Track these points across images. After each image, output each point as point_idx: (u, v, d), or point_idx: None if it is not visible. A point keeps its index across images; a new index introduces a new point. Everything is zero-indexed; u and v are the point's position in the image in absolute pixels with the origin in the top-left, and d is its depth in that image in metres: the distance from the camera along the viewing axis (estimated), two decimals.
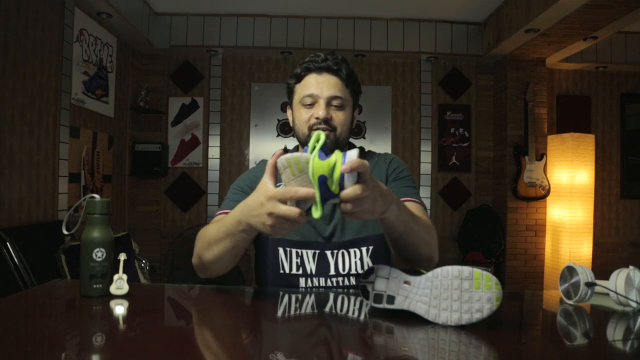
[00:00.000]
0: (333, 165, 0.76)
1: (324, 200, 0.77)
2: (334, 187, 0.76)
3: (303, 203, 0.78)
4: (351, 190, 0.75)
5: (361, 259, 1.13)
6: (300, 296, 1.06)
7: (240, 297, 1.03)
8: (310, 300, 1.03)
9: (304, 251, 1.14)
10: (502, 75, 4.01)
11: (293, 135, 1.28)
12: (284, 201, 0.78)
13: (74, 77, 2.94)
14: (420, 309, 0.80)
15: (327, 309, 0.98)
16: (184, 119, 4.07)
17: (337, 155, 0.77)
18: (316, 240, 1.14)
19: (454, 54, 4.00)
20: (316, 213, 0.75)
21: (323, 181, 0.75)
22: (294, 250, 1.14)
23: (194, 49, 3.94)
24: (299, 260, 1.14)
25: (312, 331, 0.82)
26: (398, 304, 0.83)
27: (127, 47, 3.76)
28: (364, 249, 1.14)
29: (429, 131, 4.15)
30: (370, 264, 0.72)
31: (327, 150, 0.80)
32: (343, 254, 1.14)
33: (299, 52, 4.00)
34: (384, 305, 0.84)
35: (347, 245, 1.14)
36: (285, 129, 4.07)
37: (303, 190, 0.76)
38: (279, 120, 4.08)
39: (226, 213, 1.14)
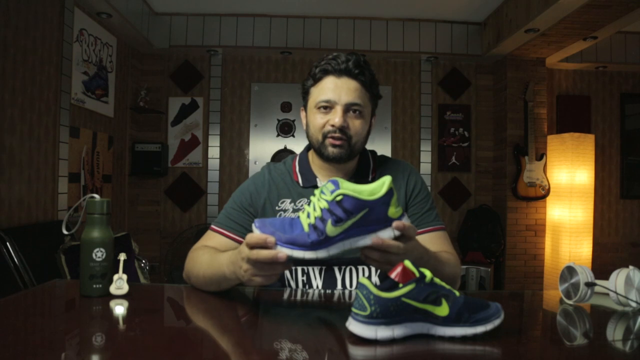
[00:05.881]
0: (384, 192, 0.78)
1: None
2: (394, 210, 0.79)
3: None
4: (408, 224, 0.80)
5: (369, 277, 1.10)
6: (302, 294, 1.06)
7: (241, 297, 1.03)
8: (312, 298, 1.03)
9: (310, 267, 1.11)
10: (502, 75, 4.01)
11: (293, 135, 1.26)
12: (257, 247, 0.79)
13: (74, 77, 2.94)
14: None
15: (328, 308, 0.98)
16: (184, 119, 4.07)
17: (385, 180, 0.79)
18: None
19: (453, 54, 4.00)
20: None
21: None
22: (299, 268, 1.12)
23: (194, 49, 3.94)
24: (304, 278, 1.11)
25: (313, 330, 0.82)
26: None
27: (127, 47, 3.76)
28: (372, 268, 1.11)
29: (429, 131, 4.15)
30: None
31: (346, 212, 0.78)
32: (351, 270, 1.11)
33: (299, 52, 4.00)
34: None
35: (355, 262, 1.10)
36: (285, 129, 4.07)
37: (265, 253, 0.77)
38: (278, 120, 4.08)
39: (220, 232, 1.13)
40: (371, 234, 0.78)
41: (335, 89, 1.08)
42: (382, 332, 0.69)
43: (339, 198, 0.75)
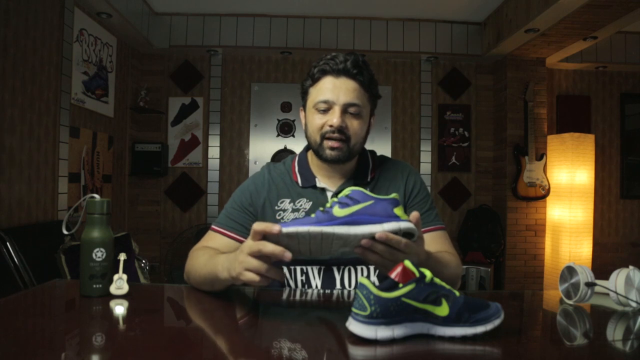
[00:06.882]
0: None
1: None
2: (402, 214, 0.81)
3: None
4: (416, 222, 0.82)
5: (368, 276, 1.10)
6: (301, 294, 1.06)
7: (241, 297, 1.03)
8: (311, 298, 1.03)
9: (309, 267, 1.11)
10: (502, 75, 4.01)
11: (293, 135, 1.26)
12: (256, 255, 0.79)
13: (74, 77, 2.94)
14: None
15: (327, 307, 0.98)
16: (184, 119, 4.07)
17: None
18: (322, 258, 1.11)
19: (453, 54, 4.00)
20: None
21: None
22: (298, 268, 1.12)
23: (194, 49, 3.94)
24: (303, 278, 1.11)
25: (313, 330, 0.82)
26: None
27: (127, 47, 3.76)
28: (372, 268, 1.11)
29: (429, 131, 4.15)
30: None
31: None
32: (350, 270, 1.11)
33: (299, 52, 4.00)
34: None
35: (354, 262, 1.11)
36: (285, 129, 4.07)
37: (270, 247, 0.77)
38: (278, 120, 4.08)
39: (221, 232, 1.13)
40: (376, 224, 0.78)
41: (333, 89, 1.08)
42: (382, 332, 0.69)
43: (347, 192, 0.81)
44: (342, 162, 1.12)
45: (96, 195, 0.99)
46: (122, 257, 1.00)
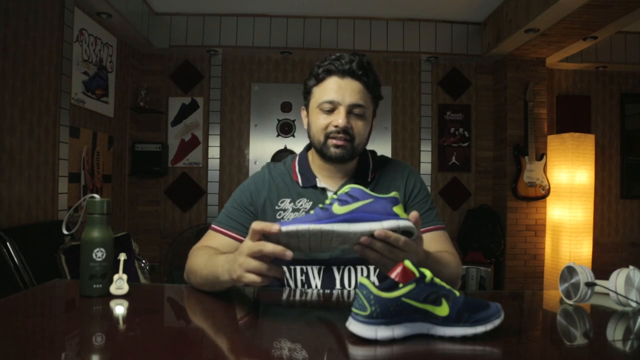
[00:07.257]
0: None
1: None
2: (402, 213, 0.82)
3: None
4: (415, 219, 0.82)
5: (368, 276, 1.11)
6: (301, 294, 1.06)
7: (241, 297, 1.03)
8: (311, 298, 1.03)
9: (309, 267, 1.11)
10: (502, 75, 4.01)
11: (293, 135, 1.26)
12: (256, 255, 0.80)
13: (74, 77, 2.94)
14: None
15: (327, 307, 0.98)
16: (184, 119, 4.07)
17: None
18: (322, 257, 1.11)
19: (453, 54, 4.00)
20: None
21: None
22: (298, 267, 1.12)
23: (194, 49, 3.94)
24: (303, 278, 1.11)
25: (313, 330, 0.82)
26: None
27: (127, 47, 3.76)
28: (371, 268, 1.11)
29: (429, 131, 4.15)
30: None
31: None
32: (350, 270, 1.11)
33: (299, 52, 4.00)
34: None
35: (354, 262, 1.11)
36: (285, 129, 4.07)
37: (271, 246, 0.77)
38: (278, 120, 4.08)
39: (221, 232, 1.13)
40: (376, 221, 0.79)
41: (338, 90, 1.08)
42: (382, 332, 0.69)
43: (347, 190, 0.82)
44: (345, 160, 1.12)
45: (96, 195, 0.99)
46: (122, 257, 1.00)
